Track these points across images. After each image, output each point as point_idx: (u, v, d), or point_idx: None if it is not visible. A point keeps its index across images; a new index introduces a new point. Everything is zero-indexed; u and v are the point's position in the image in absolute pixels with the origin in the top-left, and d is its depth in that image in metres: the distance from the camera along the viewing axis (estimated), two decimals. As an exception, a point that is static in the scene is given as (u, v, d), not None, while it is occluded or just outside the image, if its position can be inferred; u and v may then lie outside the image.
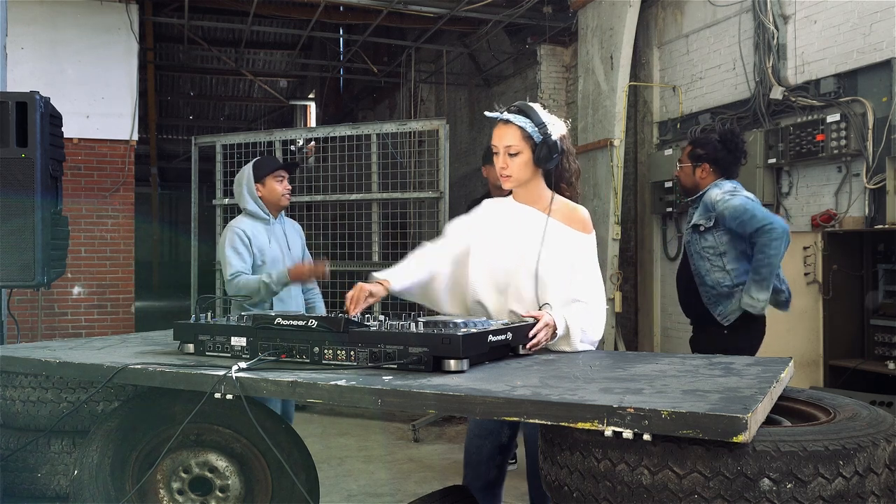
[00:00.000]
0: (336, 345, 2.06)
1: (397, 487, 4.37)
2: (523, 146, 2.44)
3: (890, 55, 4.76)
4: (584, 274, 2.46)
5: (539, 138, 2.42)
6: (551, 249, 2.43)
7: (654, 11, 7.07)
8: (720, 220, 3.61)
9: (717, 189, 3.68)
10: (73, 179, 7.03)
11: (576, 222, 2.49)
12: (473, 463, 2.65)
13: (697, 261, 3.70)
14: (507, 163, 2.46)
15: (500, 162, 2.47)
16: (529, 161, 2.45)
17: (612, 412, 1.50)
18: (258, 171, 3.79)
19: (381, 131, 6.44)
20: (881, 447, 1.58)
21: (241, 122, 18.58)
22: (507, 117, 2.46)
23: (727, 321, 3.60)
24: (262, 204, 3.77)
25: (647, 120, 7.17)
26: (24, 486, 2.80)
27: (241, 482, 2.42)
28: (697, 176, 3.78)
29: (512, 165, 2.46)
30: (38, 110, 3.49)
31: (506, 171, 2.47)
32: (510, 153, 2.45)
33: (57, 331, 7.15)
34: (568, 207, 2.52)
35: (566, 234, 2.46)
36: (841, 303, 4.92)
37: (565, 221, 2.48)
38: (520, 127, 2.43)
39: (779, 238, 3.46)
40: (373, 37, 9.40)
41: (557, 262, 2.42)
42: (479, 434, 2.63)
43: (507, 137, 2.45)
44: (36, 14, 7.18)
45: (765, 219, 3.51)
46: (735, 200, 3.58)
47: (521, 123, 2.43)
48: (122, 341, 2.81)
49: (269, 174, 3.77)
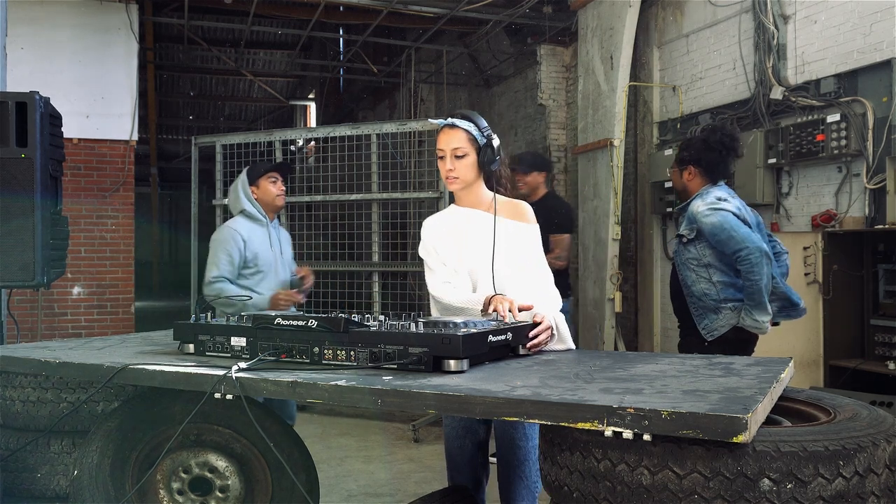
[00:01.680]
0: (336, 345, 2.06)
1: (397, 487, 4.37)
2: (469, 149, 2.57)
3: (890, 55, 4.76)
4: (539, 263, 2.62)
5: (483, 141, 2.57)
6: (503, 245, 2.56)
7: (654, 11, 7.07)
8: (700, 233, 3.50)
9: (701, 200, 3.54)
10: (73, 179, 7.03)
11: (520, 216, 2.64)
12: (458, 464, 2.67)
13: (684, 271, 3.60)
14: (455, 165, 2.58)
15: (448, 164, 2.58)
16: (475, 163, 2.58)
17: (612, 412, 1.50)
18: (251, 174, 3.88)
19: (381, 131, 6.44)
20: (881, 447, 1.58)
21: (241, 122, 18.57)
22: (454, 121, 2.59)
23: (710, 336, 3.48)
24: (257, 205, 3.84)
25: (647, 120, 7.17)
26: (24, 486, 2.81)
27: (241, 482, 2.42)
28: (685, 179, 3.68)
29: (459, 167, 2.58)
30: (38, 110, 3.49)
31: (453, 172, 2.59)
32: (457, 155, 2.57)
33: (57, 331, 7.15)
34: (510, 203, 2.66)
35: (514, 228, 2.60)
36: (841, 303, 4.92)
37: (510, 217, 2.62)
38: (466, 130, 2.57)
39: (757, 262, 3.34)
40: (373, 37, 9.40)
41: (511, 255, 2.56)
42: (459, 434, 2.66)
43: (454, 140, 2.57)
44: (36, 14, 7.17)
45: (740, 242, 3.36)
46: (714, 217, 3.43)
47: (467, 127, 2.57)
48: (122, 341, 2.81)
49: (262, 176, 3.86)
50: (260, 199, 3.84)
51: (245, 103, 17.67)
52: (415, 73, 10.69)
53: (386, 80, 11.46)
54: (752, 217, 3.60)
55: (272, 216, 3.90)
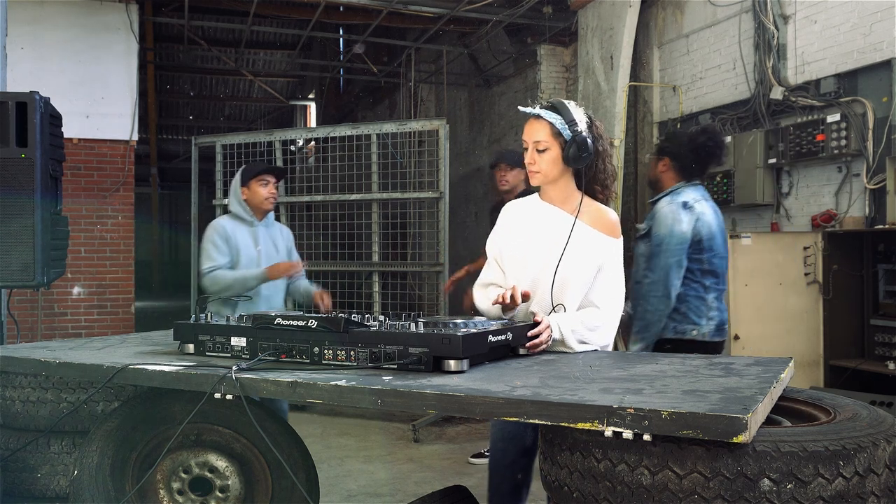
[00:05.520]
0: (336, 345, 2.06)
1: (397, 487, 4.37)
2: (552, 142, 2.40)
3: (890, 55, 4.76)
4: (606, 279, 2.43)
5: (569, 136, 2.38)
6: (575, 252, 2.39)
7: (654, 11, 7.07)
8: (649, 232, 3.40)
9: (669, 199, 3.41)
10: (73, 179, 7.03)
11: (603, 226, 2.45)
12: (500, 469, 2.62)
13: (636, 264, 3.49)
14: (535, 158, 2.42)
15: (529, 157, 2.44)
16: (558, 158, 2.41)
17: (612, 412, 1.50)
18: (244, 175, 3.93)
19: (381, 131, 6.44)
20: (881, 447, 1.58)
21: (241, 122, 18.56)
22: (538, 112, 2.43)
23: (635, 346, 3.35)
24: (245, 206, 3.90)
25: (648, 120, 7.17)
26: (24, 486, 2.80)
27: (241, 482, 2.42)
28: (659, 169, 3.53)
29: (540, 161, 2.42)
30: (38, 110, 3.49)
31: (534, 166, 2.43)
32: (538, 149, 2.41)
33: (57, 331, 7.15)
34: (597, 210, 2.47)
35: (592, 237, 2.42)
36: (841, 303, 4.92)
37: (592, 224, 2.44)
38: (549, 122, 2.40)
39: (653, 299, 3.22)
40: (373, 37, 9.39)
41: (579, 265, 2.39)
42: (502, 438, 2.61)
43: (536, 133, 2.42)
44: (36, 14, 7.17)
45: (656, 270, 3.27)
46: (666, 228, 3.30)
47: (551, 119, 2.39)
48: (122, 341, 2.81)
49: (254, 178, 3.91)
50: (249, 200, 3.90)
51: (245, 103, 17.65)
52: (415, 73, 10.69)
53: (386, 80, 11.46)
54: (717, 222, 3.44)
55: (261, 217, 3.95)
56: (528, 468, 2.62)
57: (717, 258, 3.38)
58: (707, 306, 3.35)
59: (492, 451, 2.67)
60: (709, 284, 3.36)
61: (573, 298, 2.39)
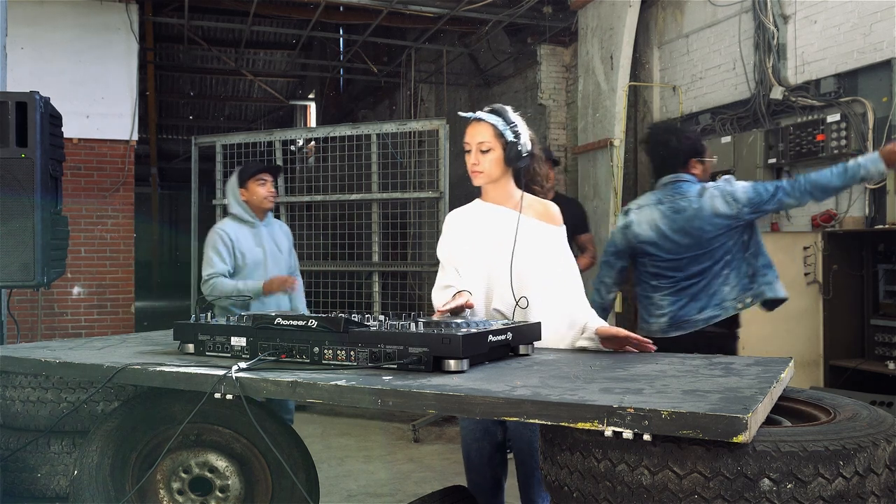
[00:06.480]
0: (336, 345, 2.06)
1: (397, 487, 4.37)
2: (495, 143, 2.53)
3: (890, 55, 4.76)
4: (565, 264, 2.57)
5: (510, 137, 2.52)
6: (526, 245, 2.51)
7: (654, 11, 7.06)
8: None
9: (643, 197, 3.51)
10: (73, 179, 7.03)
11: (547, 217, 2.59)
12: (477, 467, 2.66)
13: None
14: (479, 159, 2.55)
15: (472, 158, 2.55)
16: (500, 158, 2.54)
17: (612, 412, 1.50)
18: (242, 175, 3.94)
19: (381, 131, 6.44)
20: (881, 447, 1.58)
21: (241, 122, 18.56)
22: (480, 115, 2.57)
23: None
24: (245, 207, 3.92)
25: (648, 120, 7.16)
26: (24, 486, 2.80)
27: (241, 482, 2.42)
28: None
29: (483, 162, 2.54)
30: (38, 110, 3.49)
31: (477, 167, 2.56)
32: (482, 150, 2.54)
33: (57, 331, 7.14)
34: (537, 202, 2.61)
35: (539, 229, 2.55)
36: (841, 303, 4.92)
37: (537, 217, 2.57)
38: (492, 124, 2.53)
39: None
40: (373, 37, 9.39)
41: (533, 256, 2.51)
42: (477, 437, 2.65)
43: (479, 134, 2.55)
44: (36, 14, 7.17)
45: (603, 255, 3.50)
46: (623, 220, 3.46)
47: (493, 121, 2.53)
48: (122, 341, 2.81)
49: (251, 178, 3.92)
50: (248, 200, 3.91)
51: (245, 103, 17.66)
52: (415, 73, 10.69)
53: (386, 80, 11.46)
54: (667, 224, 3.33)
55: (262, 216, 3.95)
56: (504, 461, 2.70)
57: (661, 261, 3.38)
58: (654, 304, 3.43)
59: (466, 451, 2.70)
60: (656, 284, 3.42)
61: (535, 289, 2.47)
